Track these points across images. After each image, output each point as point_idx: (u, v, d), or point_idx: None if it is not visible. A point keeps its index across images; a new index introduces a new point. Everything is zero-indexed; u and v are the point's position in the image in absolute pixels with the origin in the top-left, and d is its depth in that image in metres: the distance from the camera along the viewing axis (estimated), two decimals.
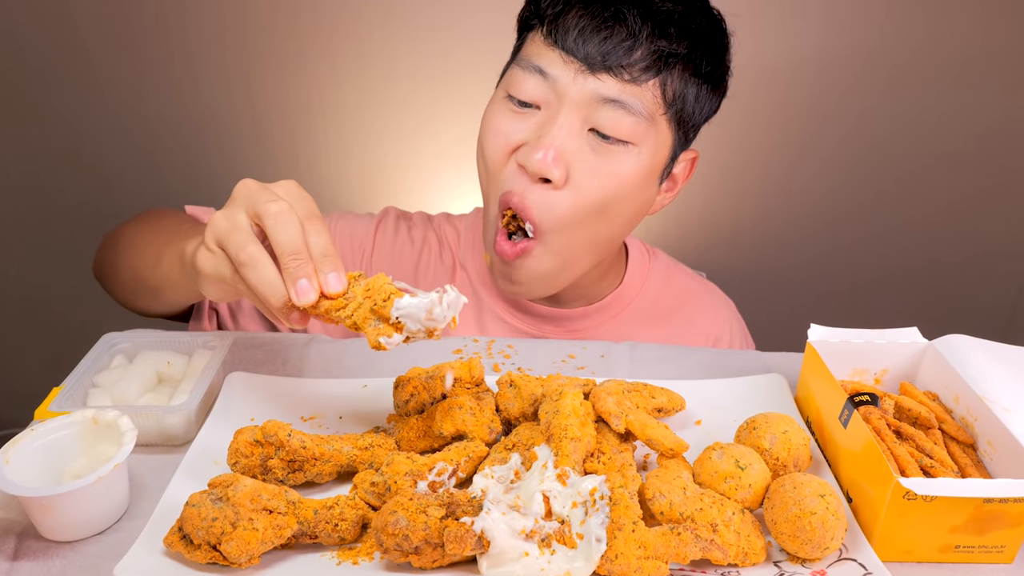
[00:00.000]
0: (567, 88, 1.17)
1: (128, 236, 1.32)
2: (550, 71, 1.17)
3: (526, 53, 1.21)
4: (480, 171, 1.28)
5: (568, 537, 0.82)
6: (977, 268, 2.80)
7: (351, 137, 2.56)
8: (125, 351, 1.12)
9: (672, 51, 1.16)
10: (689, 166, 1.34)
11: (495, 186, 1.25)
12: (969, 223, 2.72)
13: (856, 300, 2.86)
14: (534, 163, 1.16)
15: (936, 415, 1.00)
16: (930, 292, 2.84)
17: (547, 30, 1.19)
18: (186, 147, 2.52)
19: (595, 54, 1.15)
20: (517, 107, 1.21)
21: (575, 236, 1.24)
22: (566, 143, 1.17)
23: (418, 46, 2.41)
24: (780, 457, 0.93)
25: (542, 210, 1.20)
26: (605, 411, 0.97)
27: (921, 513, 0.83)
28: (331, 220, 1.47)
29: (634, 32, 1.14)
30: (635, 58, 1.15)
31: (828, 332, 1.08)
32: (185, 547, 0.80)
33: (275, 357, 1.21)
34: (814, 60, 2.47)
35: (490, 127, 1.24)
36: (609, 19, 1.15)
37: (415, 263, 1.46)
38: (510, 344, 1.28)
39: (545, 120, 1.19)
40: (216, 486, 0.85)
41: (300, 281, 0.88)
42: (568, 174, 1.18)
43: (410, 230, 1.49)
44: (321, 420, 1.07)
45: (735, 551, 0.82)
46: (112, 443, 0.92)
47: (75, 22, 2.31)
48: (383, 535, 0.79)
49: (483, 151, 1.25)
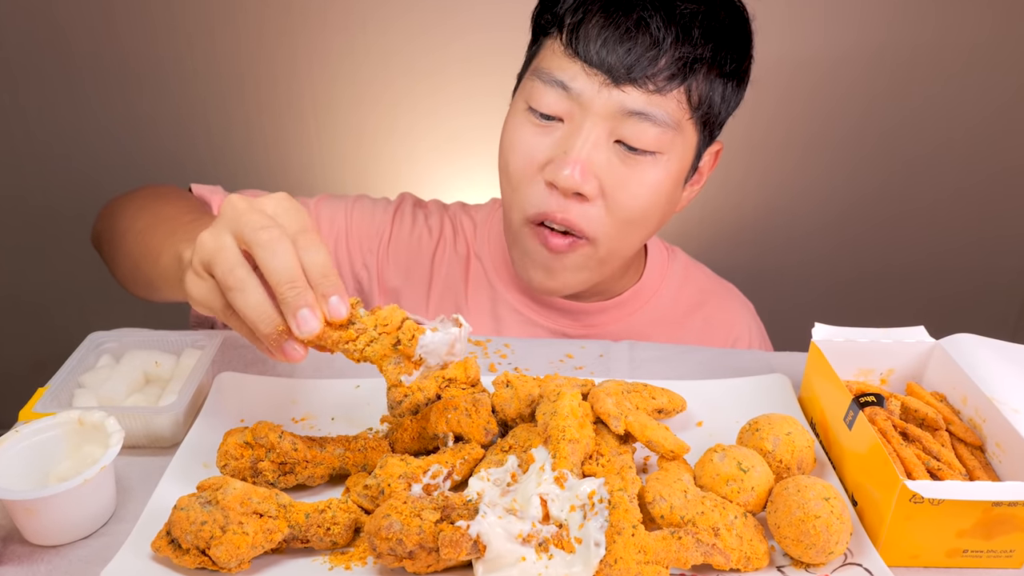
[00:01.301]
0: (591, 101, 1.16)
1: (129, 216, 1.28)
2: (573, 85, 1.16)
3: (546, 65, 1.20)
4: (503, 184, 1.28)
5: (566, 541, 0.82)
6: (985, 265, 2.81)
7: (345, 133, 2.56)
8: (112, 351, 1.12)
9: (697, 56, 1.15)
10: (713, 158, 1.35)
11: (519, 198, 1.25)
12: (977, 219, 2.73)
13: (861, 298, 2.87)
14: (563, 179, 1.17)
15: (943, 416, 1.00)
16: (937, 290, 2.84)
17: (567, 39, 1.17)
18: (175, 145, 2.52)
19: (619, 66, 1.13)
20: (539, 120, 1.21)
21: (617, 244, 1.26)
22: (592, 156, 1.17)
23: (413, 39, 2.41)
24: (783, 459, 0.93)
25: (587, 222, 1.22)
26: (604, 412, 0.97)
27: (928, 517, 0.83)
28: (347, 203, 1.47)
29: (658, 40, 1.13)
30: (660, 67, 1.14)
31: (832, 331, 1.08)
32: (173, 552, 0.80)
33: (265, 357, 1.21)
34: (819, 55, 2.47)
35: (513, 142, 1.24)
36: (632, 28, 1.13)
37: (432, 253, 1.47)
38: (507, 343, 1.28)
39: (569, 133, 1.19)
40: (205, 489, 0.84)
41: (301, 311, 0.81)
42: (600, 186, 1.19)
43: (427, 218, 1.49)
44: (313, 421, 1.07)
45: (737, 556, 0.82)
46: (98, 445, 0.92)
47: (59, 18, 2.31)
48: (376, 539, 0.79)
49: (507, 166, 1.25)
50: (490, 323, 1.43)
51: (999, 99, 2.53)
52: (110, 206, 1.37)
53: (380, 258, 1.44)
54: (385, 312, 0.87)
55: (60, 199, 2.53)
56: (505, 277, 1.44)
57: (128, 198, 1.35)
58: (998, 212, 2.71)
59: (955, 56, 2.47)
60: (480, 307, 1.44)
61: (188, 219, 1.16)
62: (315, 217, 1.42)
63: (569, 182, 1.16)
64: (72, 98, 2.42)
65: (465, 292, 1.44)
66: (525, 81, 1.25)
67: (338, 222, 1.44)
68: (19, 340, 2.73)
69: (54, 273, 2.64)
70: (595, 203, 1.20)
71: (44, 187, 2.53)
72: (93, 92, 2.42)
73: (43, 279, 2.66)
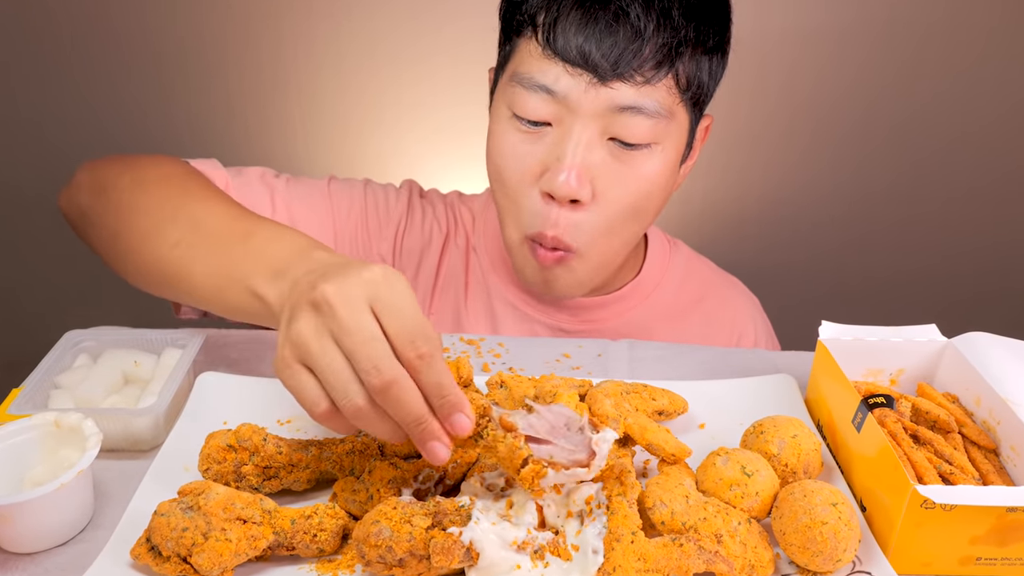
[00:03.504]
0: (579, 103, 1.15)
1: (141, 212, 1.12)
2: (557, 88, 1.15)
3: (525, 69, 1.18)
4: (496, 192, 1.28)
5: (563, 549, 0.82)
6: (999, 261, 2.81)
7: (331, 121, 2.56)
8: (89, 350, 1.12)
9: (681, 39, 1.15)
10: (704, 132, 1.34)
11: (517, 212, 1.25)
12: (990, 213, 2.73)
13: (870, 295, 2.87)
14: (559, 186, 1.17)
15: (956, 418, 1.00)
16: (949, 287, 2.84)
17: (543, 38, 1.15)
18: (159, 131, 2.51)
19: (603, 62, 1.12)
20: (526, 127, 1.20)
21: (611, 242, 1.26)
22: (586, 158, 1.17)
23: (399, 26, 2.41)
24: (789, 463, 0.93)
25: (575, 234, 1.22)
26: (602, 414, 0.97)
27: (940, 523, 0.83)
28: (359, 189, 1.45)
29: (640, 30, 1.12)
30: (645, 56, 1.13)
31: (840, 329, 1.08)
32: (153, 559, 0.80)
33: (250, 356, 1.21)
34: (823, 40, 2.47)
35: (502, 152, 1.23)
36: (611, 20, 1.12)
37: (440, 246, 1.47)
38: (501, 343, 1.28)
39: (559, 138, 1.18)
40: (186, 494, 0.84)
41: (429, 444, 0.82)
42: (594, 189, 1.19)
43: (434, 210, 1.49)
44: (299, 424, 1.07)
45: (741, 563, 0.82)
46: (75, 448, 0.92)
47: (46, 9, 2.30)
48: (365, 546, 0.79)
49: (500, 176, 1.25)
50: (486, 319, 1.43)
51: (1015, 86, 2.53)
52: (101, 176, 1.22)
53: (395, 249, 1.44)
54: (503, 449, 0.84)
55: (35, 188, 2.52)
56: (501, 272, 1.44)
57: (133, 182, 1.18)
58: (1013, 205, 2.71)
59: (968, 39, 2.47)
60: (476, 304, 1.44)
61: (241, 230, 1.04)
62: (331, 205, 1.41)
63: (565, 189, 1.16)
64: (54, 82, 2.42)
65: (465, 287, 1.45)
66: (504, 85, 1.23)
67: (355, 211, 1.43)
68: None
69: (29, 269, 2.63)
70: (588, 208, 1.20)
71: (18, 175, 2.53)
72: (80, 77, 2.42)
73: (16, 274, 2.65)
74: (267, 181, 1.37)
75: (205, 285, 1.02)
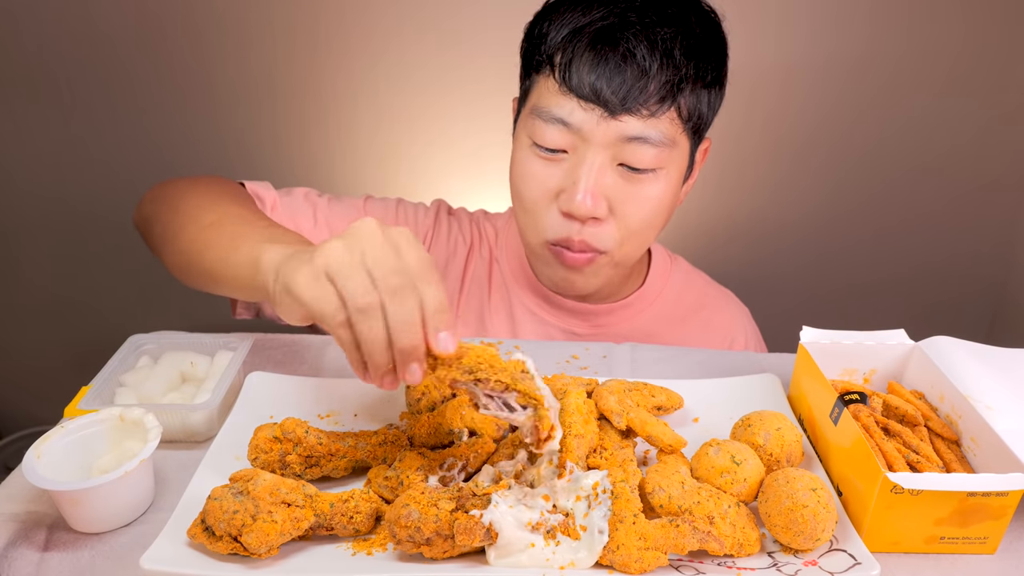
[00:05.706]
0: (592, 133, 1.17)
1: (191, 205, 1.19)
2: (572, 120, 1.17)
3: (544, 103, 1.20)
4: (517, 210, 1.30)
5: (572, 529, 0.82)
6: (961, 272, 2.79)
7: (367, 150, 2.56)
8: (150, 352, 1.13)
9: (682, 76, 1.16)
10: (703, 154, 1.35)
11: (536, 223, 1.27)
12: (954, 228, 2.71)
13: (846, 303, 2.85)
14: (577, 206, 1.19)
15: (922, 413, 1.00)
16: (917, 295, 2.83)
17: (560, 77, 1.17)
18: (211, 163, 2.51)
19: (613, 99, 1.14)
20: (545, 153, 1.22)
21: (629, 249, 1.28)
22: (600, 181, 1.19)
23: (428, 62, 2.41)
24: (774, 453, 0.93)
25: (601, 240, 1.24)
26: (607, 409, 0.97)
27: (908, 506, 0.83)
28: (392, 206, 1.47)
29: (645, 69, 1.14)
30: (650, 92, 1.15)
31: (819, 334, 1.08)
32: (207, 538, 0.81)
33: (293, 358, 1.22)
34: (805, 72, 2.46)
35: (524, 175, 1.25)
36: (620, 61, 1.14)
37: (464, 259, 1.48)
38: (517, 345, 1.28)
39: (575, 164, 1.20)
40: (237, 480, 0.85)
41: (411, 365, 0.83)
42: (610, 206, 1.22)
43: (459, 226, 1.51)
44: (337, 418, 1.07)
45: (731, 542, 0.83)
46: (138, 439, 0.92)
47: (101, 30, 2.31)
48: (396, 527, 0.80)
49: (521, 196, 1.27)
50: (507, 324, 1.44)
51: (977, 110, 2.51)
52: (163, 190, 1.30)
53: None
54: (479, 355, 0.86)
55: (105, 212, 2.54)
56: (521, 280, 1.45)
57: (187, 187, 1.26)
58: (974, 221, 2.70)
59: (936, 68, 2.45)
60: (499, 309, 1.45)
61: (262, 223, 1.09)
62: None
63: (583, 209, 1.19)
64: (116, 110, 2.42)
65: (488, 293, 1.45)
66: (526, 117, 1.25)
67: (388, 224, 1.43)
68: (64, 342, 2.74)
69: (97, 279, 2.64)
70: (608, 222, 1.23)
71: (86, 196, 2.54)
72: (141, 106, 2.42)
73: (87, 286, 2.66)
74: (311, 200, 1.39)
75: (217, 257, 1.05)
